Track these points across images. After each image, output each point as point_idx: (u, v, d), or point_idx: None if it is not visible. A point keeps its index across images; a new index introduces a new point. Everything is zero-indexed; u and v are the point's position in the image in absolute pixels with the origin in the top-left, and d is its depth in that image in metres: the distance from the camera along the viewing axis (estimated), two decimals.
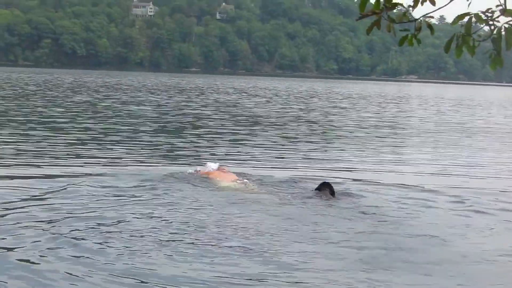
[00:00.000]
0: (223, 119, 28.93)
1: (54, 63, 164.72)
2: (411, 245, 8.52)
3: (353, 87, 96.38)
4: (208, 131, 23.10)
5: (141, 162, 15.36)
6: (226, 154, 17.69)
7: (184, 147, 18.68)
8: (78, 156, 15.92)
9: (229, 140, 20.75)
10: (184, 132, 22.93)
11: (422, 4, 5.06)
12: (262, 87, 76.18)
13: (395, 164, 17.00)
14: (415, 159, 18.34)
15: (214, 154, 17.33)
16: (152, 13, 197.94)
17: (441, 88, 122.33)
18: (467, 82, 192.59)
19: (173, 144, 19.31)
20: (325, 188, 11.99)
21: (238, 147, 19.18)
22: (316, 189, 12.06)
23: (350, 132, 25.29)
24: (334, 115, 35.15)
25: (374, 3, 5.07)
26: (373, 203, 11.20)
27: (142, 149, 17.76)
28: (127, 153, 16.72)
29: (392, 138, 23.81)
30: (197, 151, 17.85)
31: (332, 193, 11.88)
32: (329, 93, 68.58)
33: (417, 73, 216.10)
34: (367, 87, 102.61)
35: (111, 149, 17.46)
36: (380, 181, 13.78)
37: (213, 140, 20.45)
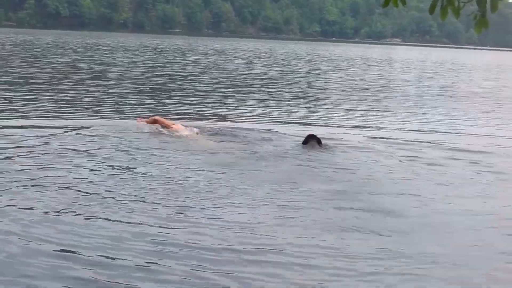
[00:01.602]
0: (201, 80, 28.73)
1: (37, 24, 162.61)
2: (391, 206, 8.37)
3: (334, 49, 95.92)
4: (186, 91, 22.93)
5: (109, 118, 15.18)
6: (202, 111, 17.76)
7: (159, 106, 18.55)
8: (44, 114, 15.66)
9: (206, 100, 20.63)
10: (160, 92, 22.74)
11: None
12: (243, 49, 75.68)
13: (378, 122, 17.22)
14: (398, 117, 18.62)
15: (190, 113, 17.25)
16: None
17: (425, 51, 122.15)
18: (451, 46, 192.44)
19: (144, 103, 19.18)
20: (312, 140, 11.96)
21: (214, 107, 19.06)
22: (303, 142, 12.01)
23: (332, 94, 25.21)
24: (314, 77, 35.01)
25: None
26: (356, 159, 11.24)
27: (110, 108, 17.51)
28: (92, 113, 16.49)
29: (374, 99, 23.74)
30: (172, 110, 17.69)
31: (319, 142, 11.88)
32: (311, 55, 68.27)
33: (401, 36, 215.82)
34: (350, 49, 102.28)
35: (77, 108, 17.22)
36: (364, 137, 13.95)
37: (191, 100, 20.35)
